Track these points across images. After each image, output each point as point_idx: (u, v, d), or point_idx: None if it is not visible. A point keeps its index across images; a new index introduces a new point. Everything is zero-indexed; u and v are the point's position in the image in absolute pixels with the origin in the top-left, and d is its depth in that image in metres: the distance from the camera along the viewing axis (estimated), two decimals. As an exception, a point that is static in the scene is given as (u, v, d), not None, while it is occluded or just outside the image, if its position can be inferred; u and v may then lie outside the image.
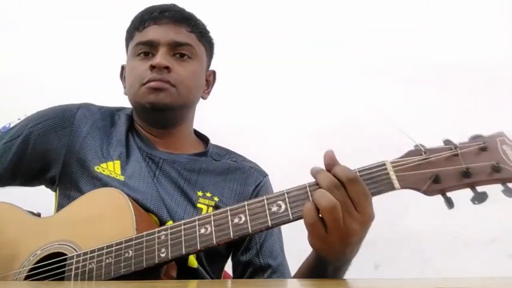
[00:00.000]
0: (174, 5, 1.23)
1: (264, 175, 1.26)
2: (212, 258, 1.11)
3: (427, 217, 1.83)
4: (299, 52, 2.14)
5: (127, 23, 1.24)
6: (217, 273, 1.17)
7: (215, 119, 1.35)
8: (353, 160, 0.82)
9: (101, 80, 1.90)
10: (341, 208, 0.75)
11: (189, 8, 1.26)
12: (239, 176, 1.21)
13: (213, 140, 1.32)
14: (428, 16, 2.18)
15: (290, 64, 2.12)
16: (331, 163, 0.79)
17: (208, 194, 1.15)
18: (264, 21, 2.14)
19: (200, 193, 1.14)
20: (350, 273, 0.89)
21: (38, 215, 1.07)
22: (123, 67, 1.28)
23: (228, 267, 1.24)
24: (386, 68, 2.10)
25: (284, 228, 1.21)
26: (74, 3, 2.18)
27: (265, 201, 0.82)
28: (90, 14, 2.14)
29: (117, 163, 1.13)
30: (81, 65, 2.08)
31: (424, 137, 0.82)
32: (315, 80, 2.10)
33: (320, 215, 0.76)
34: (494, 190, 0.76)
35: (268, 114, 2.06)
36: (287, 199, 0.81)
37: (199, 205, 1.12)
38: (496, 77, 2.04)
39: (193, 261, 1.06)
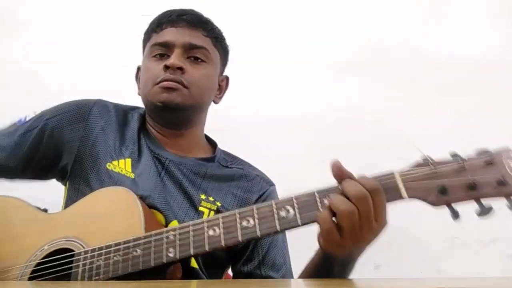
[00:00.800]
0: (192, 10, 1.25)
1: (270, 184, 1.26)
2: (209, 263, 1.11)
3: (427, 217, 1.83)
4: (298, 52, 2.13)
5: (129, 23, 1.25)
6: (217, 278, 1.17)
7: (217, 120, 1.36)
8: (353, 160, 0.83)
9: (103, 81, 1.91)
10: (363, 218, 0.77)
11: (187, 7, 1.27)
12: (244, 183, 1.22)
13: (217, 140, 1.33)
14: (428, 16, 2.17)
15: (287, 64, 2.11)
16: (339, 173, 0.81)
17: (211, 199, 1.15)
18: (263, 21, 2.14)
19: (203, 196, 1.15)
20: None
21: (45, 210, 1.08)
22: (138, 68, 1.29)
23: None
24: (386, 68, 2.10)
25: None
26: (75, 3, 2.18)
27: (274, 205, 0.83)
28: (93, 14, 2.14)
29: (128, 161, 1.15)
30: (82, 66, 2.08)
31: (427, 136, 0.83)
32: (313, 81, 2.10)
33: (335, 220, 0.78)
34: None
35: (266, 115, 2.06)
36: (295, 205, 0.82)
37: (201, 208, 1.13)
38: (497, 77, 2.05)
39: (193, 261, 1.07)
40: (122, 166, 1.14)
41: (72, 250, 0.95)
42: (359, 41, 2.12)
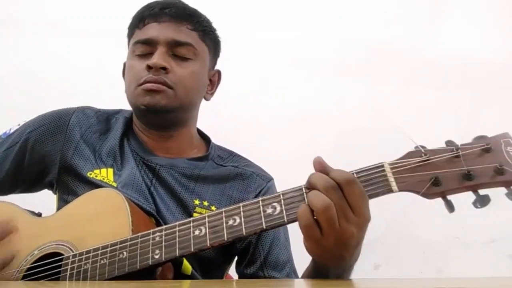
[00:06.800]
0: (178, 1, 1.18)
1: (268, 180, 1.20)
2: (204, 267, 1.08)
3: (427, 217, 1.82)
4: (297, 51, 2.13)
5: (127, 22, 1.21)
6: None
7: (220, 119, 1.33)
8: (353, 159, 0.81)
9: (103, 81, 1.90)
10: (337, 210, 0.73)
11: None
12: (239, 183, 1.16)
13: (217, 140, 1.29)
14: (431, 14, 2.17)
15: (287, 64, 2.11)
16: (321, 168, 0.77)
17: (206, 203, 1.11)
18: (263, 21, 2.14)
19: (197, 202, 1.10)
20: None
21: (39, 215, 1.06)
22: (125, 65, 1.22)
23: (231, 270, 1.21)
24: (388, 68, 2.09)
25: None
26: (75, 2, 2.17)
27: (261, 203, 0.80)
28: (92, 14, 2.13)
29: (110, 170, 1.11)
30: (81, 66, 2.08)
31: (428, 137, 0.80)
32: (312, 80, 2.09)
33: (315, 217, 0.74)
34: (495, 190, 0.74)
35: (266, 115, 2.06)
36: (282, 201, 0.79)
37: (195, 215, 1.07)
38: (500, 76, 2.04)
39: (187, 268, 1.04)
40: (104, 174, 1.10)
41: (62, 254, 0.94)
42: (359, 41, 2.11)
